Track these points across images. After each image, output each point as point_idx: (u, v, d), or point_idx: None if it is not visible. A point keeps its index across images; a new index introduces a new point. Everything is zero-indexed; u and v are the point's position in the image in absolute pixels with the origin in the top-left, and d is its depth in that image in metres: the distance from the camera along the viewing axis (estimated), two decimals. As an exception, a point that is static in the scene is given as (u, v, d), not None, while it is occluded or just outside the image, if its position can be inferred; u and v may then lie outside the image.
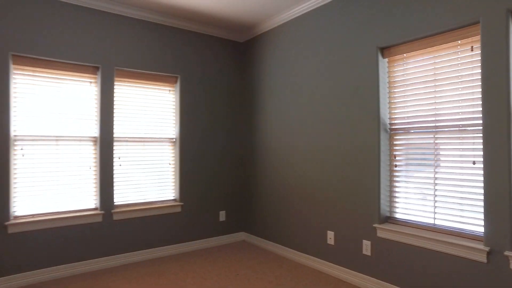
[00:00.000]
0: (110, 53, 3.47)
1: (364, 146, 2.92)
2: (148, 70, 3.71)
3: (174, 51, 3.88)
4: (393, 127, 2.87)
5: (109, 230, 3.44)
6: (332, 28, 3.22)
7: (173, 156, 3.95)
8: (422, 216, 2.65)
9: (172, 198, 3.94)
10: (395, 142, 2.86)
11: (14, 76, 3.05)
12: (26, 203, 3.10)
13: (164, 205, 3.80)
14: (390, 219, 2.86)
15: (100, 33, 3.41)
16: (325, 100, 3.29)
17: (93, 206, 3.43)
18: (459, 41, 2.46)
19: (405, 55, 2.78)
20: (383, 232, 2.76)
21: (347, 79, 3.07)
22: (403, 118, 2.79)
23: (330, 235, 3.21)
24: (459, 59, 2.47)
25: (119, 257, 3.48)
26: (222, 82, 4.28)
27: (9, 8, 2.96)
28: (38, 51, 3.09)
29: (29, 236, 3.03)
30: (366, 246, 2.88)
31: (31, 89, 3.14)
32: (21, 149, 3.09)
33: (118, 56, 3.51)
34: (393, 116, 2.86)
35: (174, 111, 3.96)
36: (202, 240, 4.06)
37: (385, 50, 2.86)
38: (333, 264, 3.18)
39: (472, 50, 2.41)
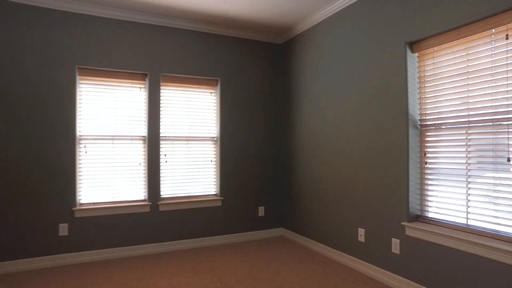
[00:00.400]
0: (156, 61, 3.87)
1: (393, 143, 2.87)
2: (191, 75, 4.05)
3: (215, 56, 4.18)
4: (423, 123, 2.77)
5: (155, 219, 3.85)
6: (362, 26, 3.21)
7: (215, 154, 4.25)
8: (454, 216, 2.53)
9: (213, 193, 4.23)
10: (426, 139, 2.77)
11: (79, 85, 3.60)
12: (89, 192, 3.63)
13: (206, 199, 4.10)
14: (420, 218, 2.77)
15: (148, 44, 3.83)
16: (355, 98, 3.29)
17: (142, 198, 3.86)
18: (493, 30, 2.32)
19: (435, 48, 2.67)
20: (412, 230, 2.69)
21: (377, 76, 3.04)
22: (434, 114, 2.69)
23: (361, 232, 3.20)
24: (493, 49, 2.33)
25: (163, 244, 3.87)
26: (260, 83, 4.47)
27: (73, 28, 3.50)
28: (98, 63, 3.60)
29: (90, 221, 3.55)
30: (395, 245, 2.83)
31: (92, 95, 3.66)
32: (85, 147, 3.63)
33: (163, 63, 3.91)
34: (423, 112, 2.77)
35: (215, 111, 4.26)
36: (241, 233, 4.29)
37: (414, 45, 2.78)
38: (363, 261, 3.17)
39: (507, 39, 2.25)
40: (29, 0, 3.30)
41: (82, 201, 3.60)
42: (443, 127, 2.63)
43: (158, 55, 3.89)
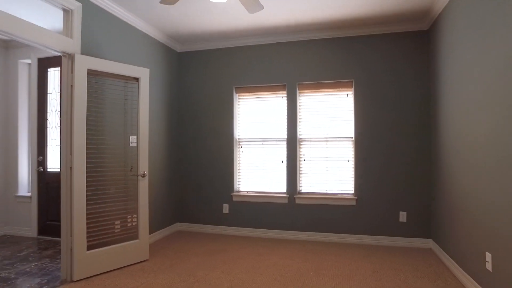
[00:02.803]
0: (292, 72, 4.45)
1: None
2: (324, 80, 4.34)
3: (347, 57, 4.26)
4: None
5: (292, 210, 4.42)
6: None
7: (351, 154, 4.32)
8: None
9: (348, 191, 4.31)
10: None
11: (238, 101, 4.74)
12: (244, 182, 4.70)
13: (340, 197, 4.27)
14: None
15: (284, 58, 4.48)
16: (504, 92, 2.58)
17: (283, 191, 4.54)
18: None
19: None
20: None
21: None
22: None
23: (488, 257, 2.49)
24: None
25: (296, 233, 4.38)
26: (399, 79, 4.09)
27: (230, 59, 4.67)
28: (248, 81, 4.61)
29: (243, 204, 4.61)
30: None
31: (246, 107, 4.72)
32: (241, 147, 4.73)
33: (298, 73, 4.43)
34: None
35: (352, 112, 4.32)
36: (377, 236, 4.13)
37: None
38: (485, 294, 2.46)
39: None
40: (201, 46, 4.74)
41: (240, 189, 4.72)
42: None
43: (293, 67, 4.45)
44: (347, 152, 4.33)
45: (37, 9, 3.49)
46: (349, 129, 4.32)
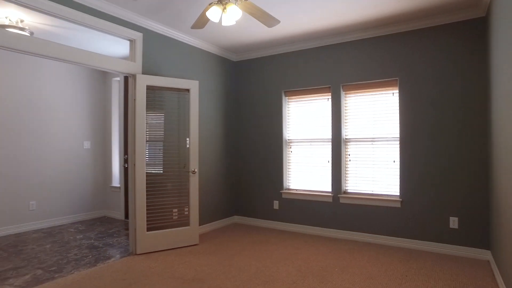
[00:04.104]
0: (336, 74, 4.52)
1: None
2: (368, 80, 4.31)
3: (391, 56, 4.15)
4: None
5: (336, 209, 4.51)
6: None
7: (397, 155, 4.19)
8: None
9: (393, 193, 4.19)
10: None
11: (287, 104, 5.03)
12: (293, 181, 4.97)
13: (384, 198, 4.18)
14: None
15: (328, 61, 4.58)
16: None
17: (328, 190, 4.65)
18: None
19: None
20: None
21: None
22: None
23: None
24: None
25: (339, 231, 4.44)
26: (451, 74, 3.80)
27: (279, 65, 4.97)
28: (296, 85, 4.86)
29: (292, 201, 4.88)
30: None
31: (295, 108, 4.96)
32: (291, 147, 5.00)
33: (342, 74, 4.48)
34: None
35: (397, 112, 4.19)
36: (422, 241, 3.93)
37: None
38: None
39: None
40: (253, 55, 5.16)
41: (288, 186, 5.00)
42: None
43: (337, 69, 4.52)
44: (393, 152, 4.21)
45: (110, 40, 4.42)
46: (396, 129, 4.19)
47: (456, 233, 3.78)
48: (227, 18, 2.64)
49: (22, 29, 3.77)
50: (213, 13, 2.59)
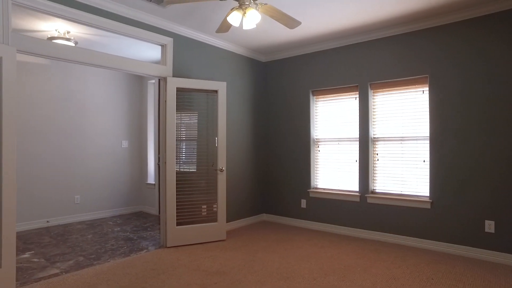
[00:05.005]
0: (364, 72, 4.46)
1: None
2: (397, 78, 4.21)
3: (420, 52, 4.02)
4: None
5: (364, 209, 4.45)
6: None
7: (427, 154, 4.05)
8: None
9: (422, 194, 4.06)
10: None
11: (315, 103, 5.04)
12: (320, 180, 4.97)
13: (413, 199, 4.07)
14: None
15: (356, 60, 4.53)
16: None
17: (356, 189, 4.60)
18: None
19: None
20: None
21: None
22: None
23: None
24: None
25: (366, 232, 4.38)
26: (483, 69, 3.61)
27: (306, 64, 4.99)
28: (323, 84, 4.86)
29: (319, 200, 4.88)
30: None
31: (322, 108, 4.96)
32: (318, 146, 5.00)
33: (370, 73, 4.41)
34: None
35: (427, 110, 4.05)
36: (453, 244, 3.77)
37: None
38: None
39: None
40: (282, 55, 5.22)
41: (316, 185, 5.01)
42: None
43: (365, 67, 4.46)
44: (423, 152, 4.07)
45: (143, 45, 4.70)
46: (426, 128, 4.06)
47: (492, 238, 3.59)
48: (247, 22, 2.75)
49: (68, 39, 4.15)
50: (234, 18, 2.71)
